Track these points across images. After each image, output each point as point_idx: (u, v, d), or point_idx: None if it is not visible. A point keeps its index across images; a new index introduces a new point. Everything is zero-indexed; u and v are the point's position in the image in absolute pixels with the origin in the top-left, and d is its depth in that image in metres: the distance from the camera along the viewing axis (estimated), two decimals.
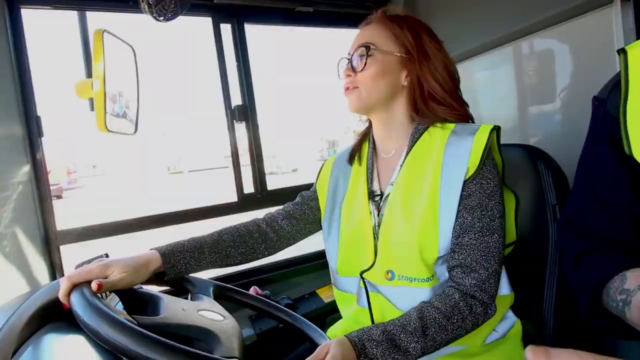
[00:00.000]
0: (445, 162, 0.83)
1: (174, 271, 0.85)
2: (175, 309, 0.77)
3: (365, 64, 0.88)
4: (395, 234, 0.85)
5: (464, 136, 0.83)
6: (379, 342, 0.70)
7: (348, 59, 0.92)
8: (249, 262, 0.99)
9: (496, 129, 0.83)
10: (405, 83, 0.90)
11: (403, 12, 0.95)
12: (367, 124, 1.03)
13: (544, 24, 1.30)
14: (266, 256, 1.02)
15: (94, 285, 0.68)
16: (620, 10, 1.10)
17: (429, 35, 0.91)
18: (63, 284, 0.69)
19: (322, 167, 1.10)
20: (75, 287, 0.68)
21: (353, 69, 0.90)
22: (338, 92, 0.96)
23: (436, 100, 0.89)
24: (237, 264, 0.96)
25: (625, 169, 0.57)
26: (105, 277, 0.73)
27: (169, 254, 0.84)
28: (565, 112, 1.33)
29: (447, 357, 0.84)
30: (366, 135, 1.02)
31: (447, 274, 0.82)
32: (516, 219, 0.91)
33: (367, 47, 0.88)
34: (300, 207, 1.05)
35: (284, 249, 1.05)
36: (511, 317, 0.90)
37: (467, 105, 0.94)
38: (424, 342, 0.72)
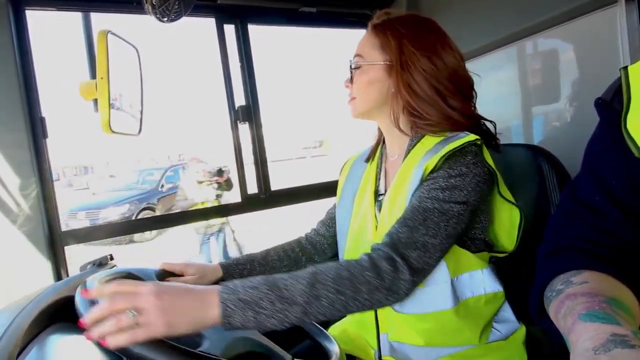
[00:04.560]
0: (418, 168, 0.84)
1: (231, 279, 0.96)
2: None
3: (352, 76, 0.93)
4: (383, 236, 0.86)
5: (443, 144, 0.82)
6: (256, 284, 0.64)
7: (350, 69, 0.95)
8: None
9: (480, 141, 0.81)
10: (394, 90, 0.89)
11: (405, 13, 0.96)
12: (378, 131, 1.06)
13: (548, 23, 1.30)
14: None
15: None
16: (624, 10, 1.09)
17: (412, 40, 0.87)
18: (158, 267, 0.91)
19: (344, 165, 1.14)
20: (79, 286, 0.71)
21: (350, 80, 0.94)
22: None
23: (408, 111, 0.89)
24: None
25: (629, 165, 0.56)
26: (182, 275, 0.92)
27: (227, 266, 0.98)
28: (570, 112, 1.33)
29: (447, 358, 0.84)
30: (380, 141, 1.05)
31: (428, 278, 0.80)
32: (519, 233, 0.88)
33: (355, 59, 0.93)
34: (330, 217, 1.10)
35: (323, 261, 1.07)
36: (514, 322, 0.89)
37: (469, 111, 0.90)
38: (312, 289, 0.65)
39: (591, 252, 0.56)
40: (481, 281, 0.86)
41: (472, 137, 0.81)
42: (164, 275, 0.91)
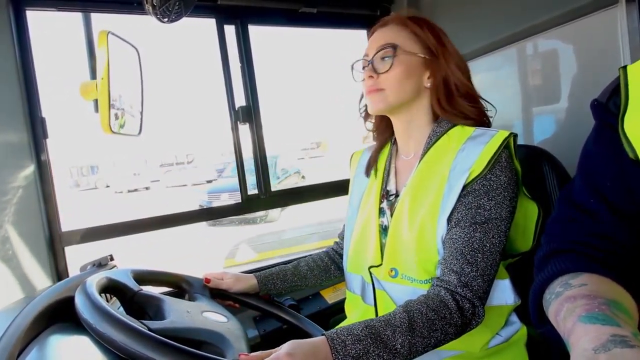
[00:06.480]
0: (453, 167, 0.82)
1: (266, 289, 1.04)
2: (180, 312, 0.77)
3: (392, 65, 0.87)
4: (400, 235, 0.86)
5: (477, 143, 0.82)
6: (361, 337, 0.64)
7: (368, 61, 0.90)
8: (324, 282, 1.12)
9: (512, 136, 0.81)
10: (429, 84, 0.89)
11: (408, 13, 0.94)
12: (377, 137, 1.05)
13: (549, 24, 1.30)
14: (338, 277, 1.12)
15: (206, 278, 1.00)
16: (625, 11, 1.09)
17: (446, 35, 0.91)
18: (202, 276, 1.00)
19: (351, 158, 1.14)
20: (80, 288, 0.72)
21: (375, 71, 0.89)
22: None
23: (463, 96, 0.89)
24: (314, 285, 1.11)
25: (623, 167, 0.56)
26: (221, 279, 1.01)
27: (263, 277, 1.04)
28: (570, 113, 1.33)
29: None
30: (382, 146, 1.04)
31: None
32: (536, 230, 0.87)
33: (394, 47, 0.87)
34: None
35: None
36: (516, 322, 0.89)
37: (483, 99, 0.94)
38: (411, 338, 0.67)
39: (588, 256, 0.56)
40: (502, 292, 0.86)
41: (504, 132, 0.82)
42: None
